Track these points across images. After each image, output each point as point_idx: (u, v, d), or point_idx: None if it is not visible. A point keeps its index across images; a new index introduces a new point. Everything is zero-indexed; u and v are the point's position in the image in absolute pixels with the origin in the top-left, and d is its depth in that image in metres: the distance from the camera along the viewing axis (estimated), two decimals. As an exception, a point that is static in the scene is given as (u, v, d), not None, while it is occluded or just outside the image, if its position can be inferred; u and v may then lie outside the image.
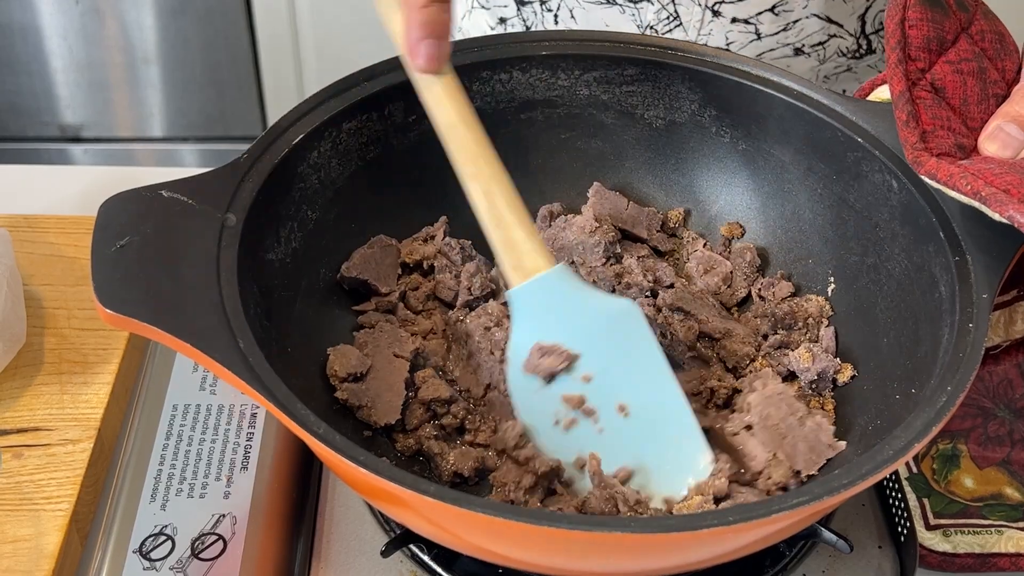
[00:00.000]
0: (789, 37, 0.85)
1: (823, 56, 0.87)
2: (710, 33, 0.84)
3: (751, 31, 0.84)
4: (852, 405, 0.64)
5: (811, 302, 0.69)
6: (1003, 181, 0.55)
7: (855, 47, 0.89)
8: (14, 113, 1.97)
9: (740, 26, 0.84)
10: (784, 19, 0.84)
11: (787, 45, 0.85)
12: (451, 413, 0.63)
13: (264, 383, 0.51)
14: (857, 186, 0.67)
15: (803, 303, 0.69)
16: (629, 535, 0.47)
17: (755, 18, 0.84)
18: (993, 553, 0.65)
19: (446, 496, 0.47)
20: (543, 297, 0.60)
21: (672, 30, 0.84)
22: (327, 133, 0.65)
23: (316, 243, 0.66)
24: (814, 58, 0.87)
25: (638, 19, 0.83)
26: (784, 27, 0.84)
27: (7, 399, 0.69)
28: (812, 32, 0.85)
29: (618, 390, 0.60)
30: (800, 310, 0.68)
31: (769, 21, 0.84)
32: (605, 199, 0.73)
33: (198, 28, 1.87)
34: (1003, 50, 0.65)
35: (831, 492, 0.48)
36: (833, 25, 0.86)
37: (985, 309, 0.56)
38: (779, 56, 0.86)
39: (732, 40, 0.85)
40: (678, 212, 0.75)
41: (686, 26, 0.84)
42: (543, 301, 0.60)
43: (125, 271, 0.54)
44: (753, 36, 0.84)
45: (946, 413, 0.51)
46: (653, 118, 0.73)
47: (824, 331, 0.68)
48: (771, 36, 0.85)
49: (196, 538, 0.61)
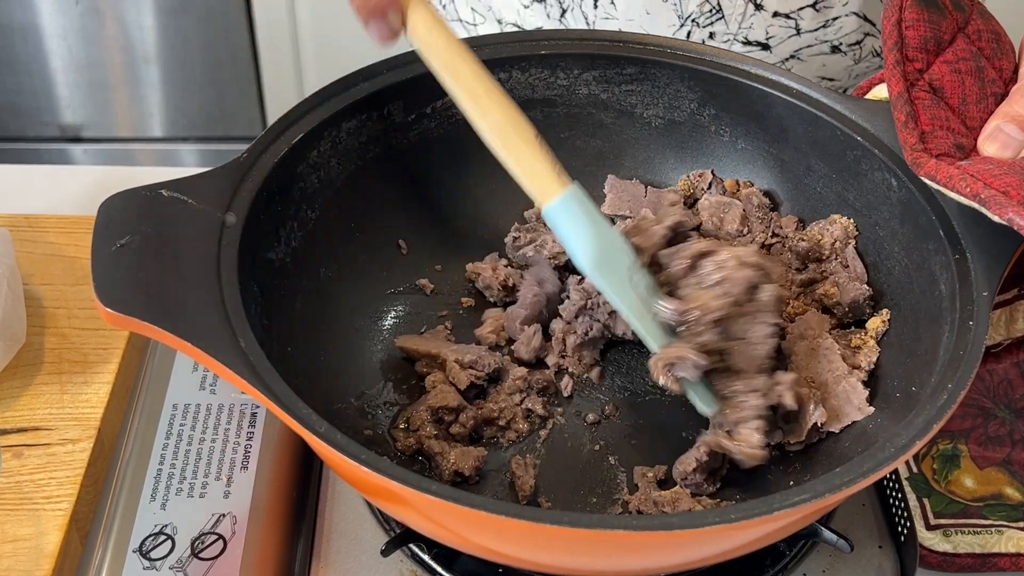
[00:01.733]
0: (828, 34, 0.85)
1: (859, 56, 0.87)
2: (751, 27, 0.84)
3: (791, 26, 0.84)
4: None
5: (835, 224, 0.68)
6: (1002, 183, 0.55)
7: None
8: (14, 113, 1.97)
9: (781, 20, 0.84)
10: (824, 15, 0.84)
11: (825, 42, 0.86)
12: (459, 422, 0.63)
13: (266, 383, 0.51)
14: (856, 184, 0.67)
15: (827, 227, 0.69)
16: (631, 533, 0.47)
17: (796, 13, 0.84)
18: (993, 553, 0.65)
19: (449, 495, 0.47)
20: (573, 208, 0.61)
21: (714, 22, 0.84)
22: (327, 133, 0.66)
23: (316, 242, 0.66)
24: (850, 57, 0.87)
25: (679, 9, 0.83)
26: (824, 24, 0.84)
27: (7, 398, 0.69)
28: (850, 31, 0.86)
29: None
30: (825, 236, 0.68)
31: (810, 17, 0.84)
32: (622, 191, 0.73)
33: (198, 28, 1.87)
34: (1000, 49, 0.65)
35: (833, 490, 0.48)
36: (868, 24, 0.86)
37: (985, 307, 0.56)
38: (816, 53, 0.86)
39: (772, 35, 0.85)
40: (700, 176, 0.74)
41: (728, 19, 0.84)
42: (574, 211, 0.61)
43: (126, 271, 0.54)
44: (793, 32, 0.84)
45: (947, 411, 0.51)
46: (652, 117, 0.73)
47: (850, 252, 0.68)
48: (810, 32, 0.85)
49: (196, 538, 0.61)
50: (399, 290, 0.71)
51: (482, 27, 0.92)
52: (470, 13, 0.93)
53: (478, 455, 0.61)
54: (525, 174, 0.61)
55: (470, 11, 0.92)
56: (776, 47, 0.85)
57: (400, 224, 0.71)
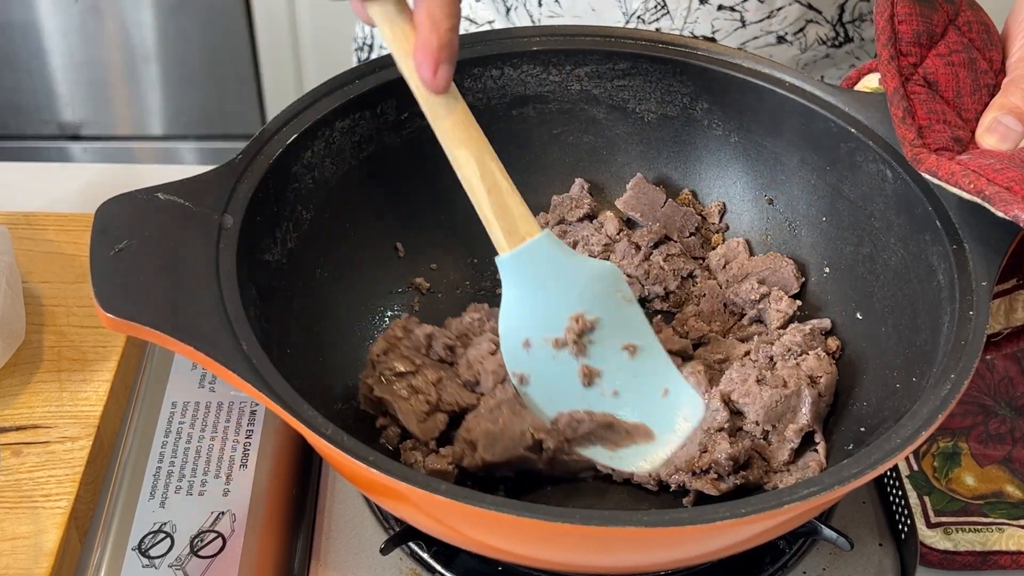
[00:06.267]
0: (773, 24, 0.85)
1: (804, 44, 0.87)
2: (696, 21, 0.84)
3: (736, 19, 0.84)
4: (852, 393, 0.64)
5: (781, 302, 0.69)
6: (1005, 177, 0.55)
7: (832, 35, 0.89)
8: (13, 111, 1.97)
9: (726, 13, 0.84)
10: (769, 6, 0.84)
11: (770, 33, 0.86)
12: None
13: (271, 386, 0.51)
14: (851, 176, 0.67)
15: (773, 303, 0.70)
16: (642, 530, 0.47)
17: (741, 5, 0.84)
18: (994, 551, 0.65)
19: (458, 495, 0.48)
20: (537, 261, 0.60)
21: (659, 18, 0.84)
22: (320, 132, 0.65)
23: (312, 243, 0.66)
24: (796, 46, 0.87)
25: (624, 6, 0.83)
26: (768, 14, 0.84)
27: (6, 396, 0.69)
28: (794, 19, 0.86)
29: (615, 347, 0.62)
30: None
31: (754, 8, 0.84)
32: (642, 193, 0.73)
33: (197, 26, 1.87)
34: (989, 40, 0.65)
35: (842, 482, 0.48)
36: (812, 11, 0.86)
37: (985, 297, 0.56)
38: (763, 44, 0.86)
39: (718, 28, 0.85)
40: (717, 206, 0.74)
41: (673, 14, 0.84)
42: (537, 265, 0.61)
43: (125, 275, 0.54)
44: (738, 24, 0.85)
45: (951, 401, 0.51)
46: (645, 112, 0.73)
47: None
48: (756, 24, 0.85)
49: (195, 536, 0.61)
50: (396, 290, 0.71)
51: None
52: None
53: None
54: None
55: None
56: (722, 40, 0.85)
57: (395, 224, 0.71)
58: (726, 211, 0.74)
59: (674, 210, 0.73)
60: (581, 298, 0.61)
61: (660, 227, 0.72)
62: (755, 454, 0.61)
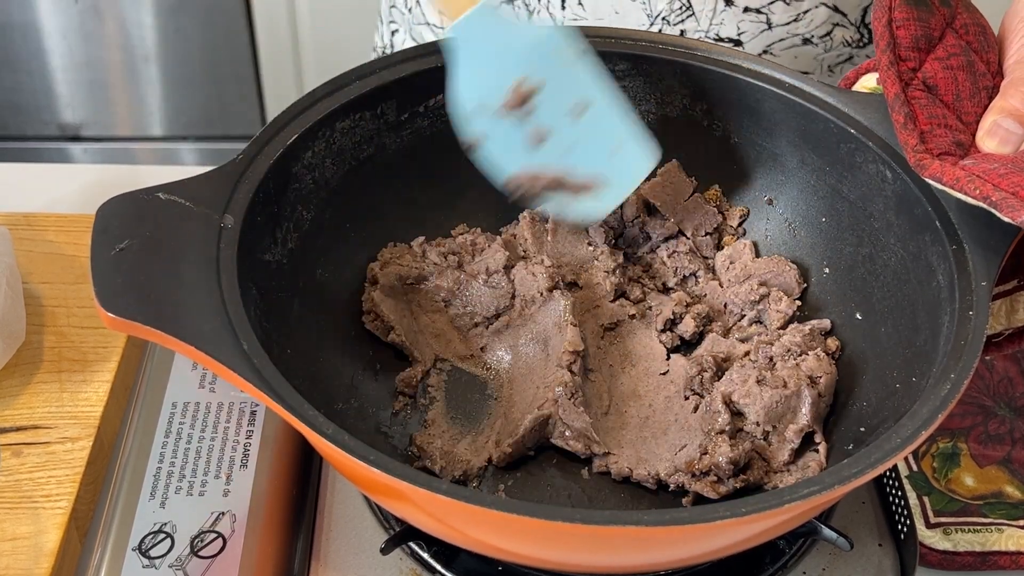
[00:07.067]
0: (799, 27, 0.85)
1: (829, 46, 0.87)
2: (722, 23, 0.84)
3: (763, 21, 0.84)
4: (852, 393, 0.64)
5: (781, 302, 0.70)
6: (1010, 183, 0.55)
7: (857, 36, 0.89)
8: (13, 112, 1.97)
9: (752, 15, 0.84)
10: (796, 8, 0.84)
11: (797, 35, 0.85)
12: None
13: (272, 386, 0.51)
14: (851, 177, 0.67)
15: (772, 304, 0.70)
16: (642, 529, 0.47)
17: (767, 7, 0.83)
18: (993, 551, 0.65)
19: (460, 495, 0.48)
20: (474, 34, 0.62)
21: (684, 20, 0.84)
22: (320, 133, 0.65)
23: (312, 243, 0.66)
24: (820, 47, 0.87)
25: (648, 8, 0.83)
26: (795, 17, 0.84)
27: (6, 397, 0.69)
28: (820, 23, 0.85)
29: (564, 106, 0.64)
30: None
31: (781, 10, 0.84)
32: (670, 183, 0.73)
33: (198, 26, 1.87)
34: (986, 42, 0.65)
35: (842, 481, 0.48)
36: (839, 14, 0.86)
37: (985, 297, 0.56)
38: (788, 47, 0.86)
39: (743, 30, 0.84)
40: (740, 211, 0.74)
41: (698, 16, 0.83)
42: (476, 37, 0.62)
43: (126, 275, 0.54)
44: (764, 26, 0.84)
45: (951, 401, 0.51)
46: (645, 113, 0.73)
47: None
48: (782, 26, 0.84)
49: (195, 536, 0.61)
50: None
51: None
52: (438, 16, 0.92)
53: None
54: None
55: (437, 14, 0.92)
56: (748, 43, 0.85)
57: (394, 223, 0.71)
58: (748, 217, 0.74)
59: (696, 205, 0.73)
60: (524, 63, 0.63)
61: (673, 224, 0.72)
62: (755, 454, 0.61)
